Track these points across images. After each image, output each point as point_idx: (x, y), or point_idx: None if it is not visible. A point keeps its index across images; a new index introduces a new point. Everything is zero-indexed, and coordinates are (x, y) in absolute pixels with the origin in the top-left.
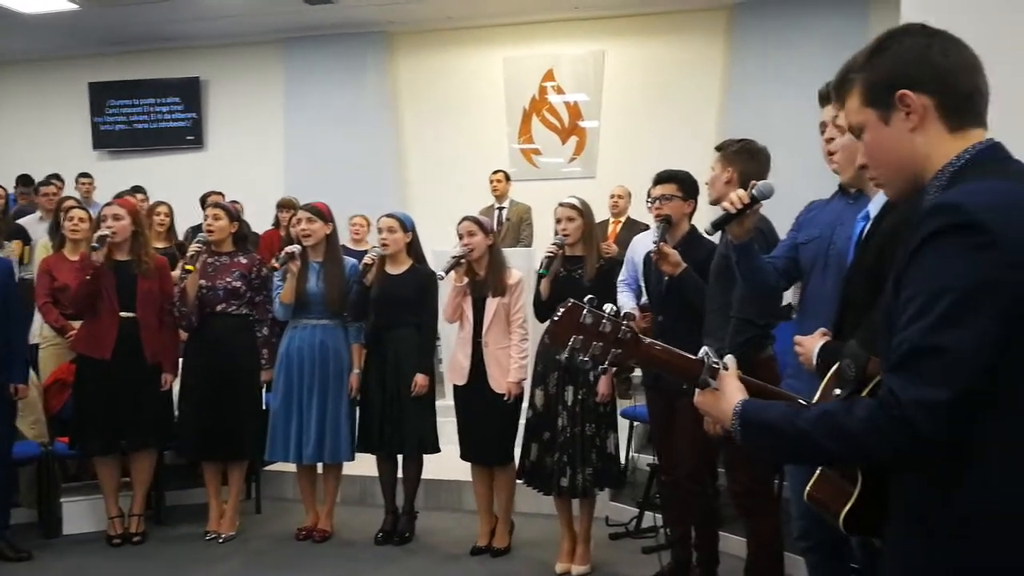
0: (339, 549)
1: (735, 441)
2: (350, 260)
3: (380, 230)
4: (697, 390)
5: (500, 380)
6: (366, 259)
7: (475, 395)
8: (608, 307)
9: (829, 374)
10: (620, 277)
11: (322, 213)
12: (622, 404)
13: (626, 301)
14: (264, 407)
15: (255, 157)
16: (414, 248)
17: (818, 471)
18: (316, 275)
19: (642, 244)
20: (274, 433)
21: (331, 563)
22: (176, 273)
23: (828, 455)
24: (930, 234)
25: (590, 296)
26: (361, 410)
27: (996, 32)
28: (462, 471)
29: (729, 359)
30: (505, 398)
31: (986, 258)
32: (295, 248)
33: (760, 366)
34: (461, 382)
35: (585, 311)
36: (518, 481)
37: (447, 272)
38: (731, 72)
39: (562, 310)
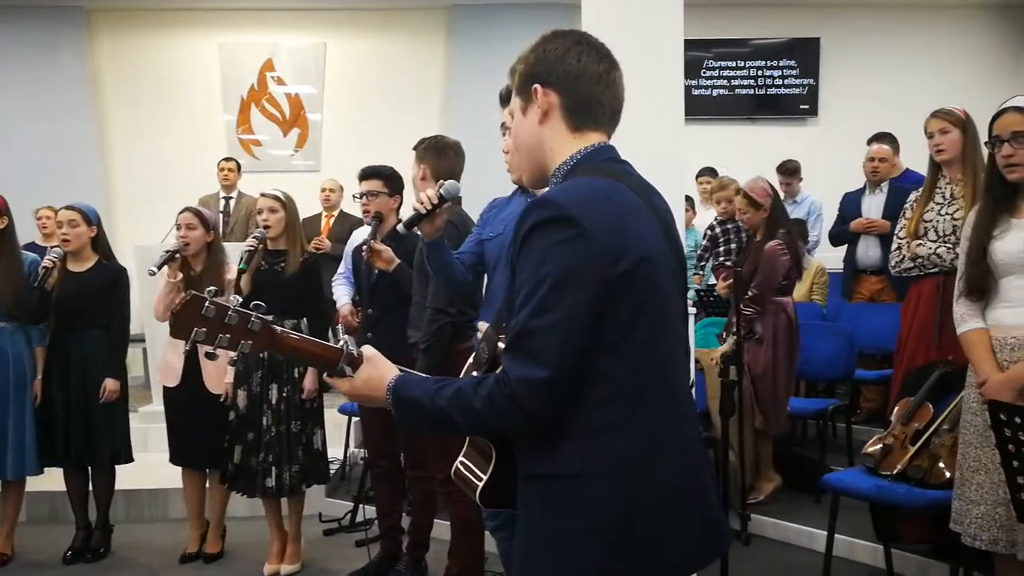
0: (21, 573)
1: (400, 426)
2: (30, 255)
3: (60, 224)
4: (337, 380)
5: (217, 381)
6: (45, 261)
7: (188, 396)
8: (234, 299)
9: (471, 358)
10: (340, 271)
11: None
12: (342, 400)
13: (341, 295)
14: None
15: None
16: (100, 243)
17: (462, 453)
18: None
19: (360, 238)
20: None
21: None
22: None
23: (461, 430)
24: (532, 226)
25: (212, 288)
26: (43, 420)
27: (638, 49)
28: (167, 479)
29: (366, 348)
30: (221, 399)
31: (576, 248)
32: None
33: (459, 355)
34: (173, 383)
35: (207, 303)
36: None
37: (159, 267)
38: (452, 71)
39: (181, 302)
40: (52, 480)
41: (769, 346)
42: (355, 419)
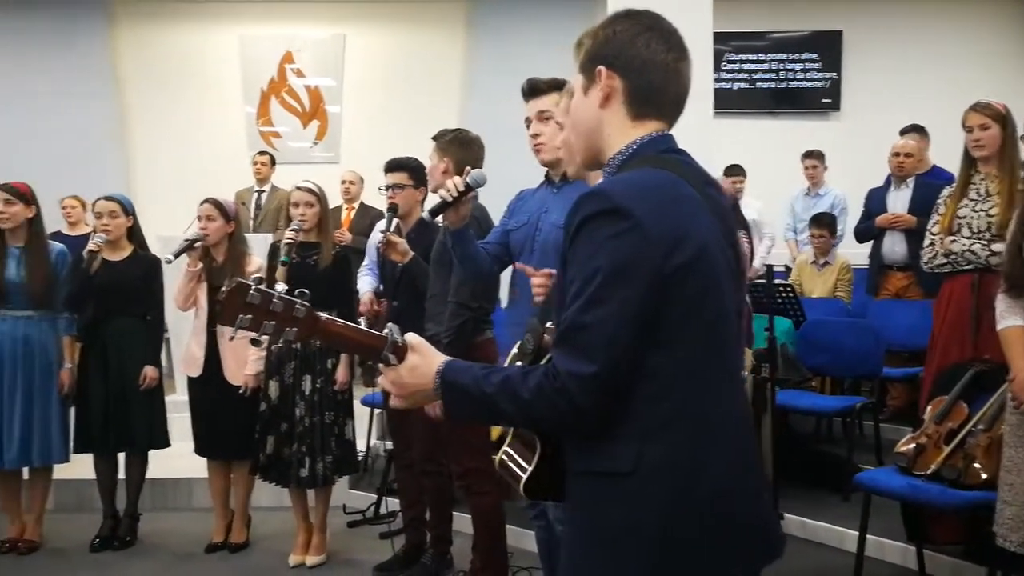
0: (50, 559)
1: (444, 414)
2: (57, 246)
3: (99, 215)
4: (383, 368)
5: (236, 372)
6: (91, 246)
7: (210, 387)
8: (280, 286)
9: (515, 348)
10: (364, 262)
11: (22, 194)
12: (364, 391)
13: (364, 286)
14: None
15: None
16: (135, 233)
17: (505, 442)
18: (16, 262)
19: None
20: None
21: (40, 575)
22: None
23: (508, 418)
24: (583, 219)
25: (257, 276)
26: (80, 408)
27: None
28: (191, 468)
29: (410, 335)
30: (241, 390)
31: (629, 240)
32: None
33: (478, 348)
34: (195, 373)
35: (252, 290)
36: (253, 476)
37: (176, 256)
38: (471, 63)
39: (226, 290)
40: (78, 468)
41: None
42: (377, 411)
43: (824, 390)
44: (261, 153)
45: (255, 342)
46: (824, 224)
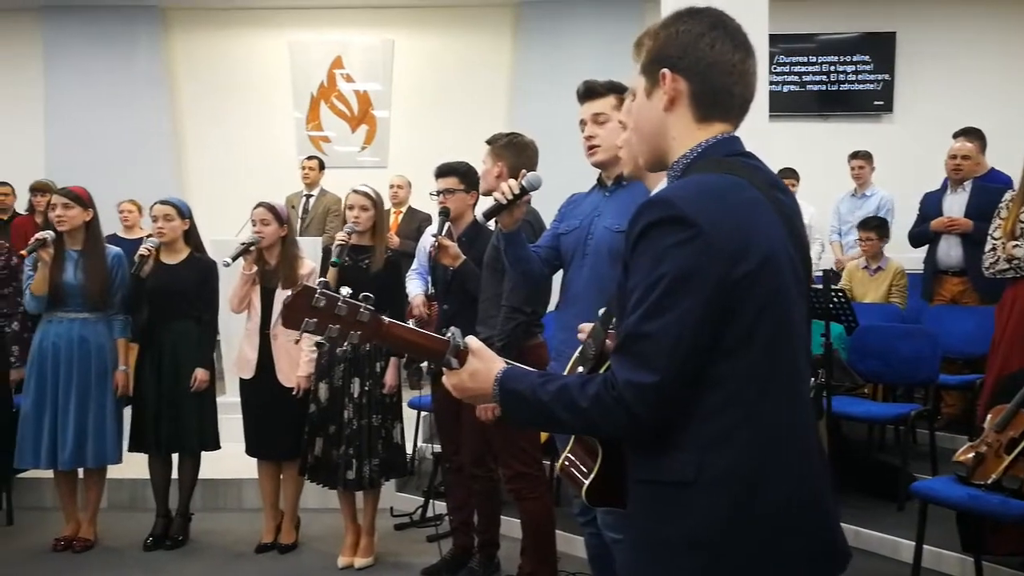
0: (103, 558)
1: (502, 419)
2: (114, 249)
3: (155, 218)
4: (446, 371)
5: (289, 374)
6: (141, 250)
7: (262, 389)
8: (344, 290)
9: (576, 353)
10: (412, 266)
11: (80, 198)
12: (410, 394)
13: (413, 289)
14: (15, 409)
15: (9, 136)
16: (192, 236)
17: (568, 447)
18: (74, 265)
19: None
20: (23, 437)
21: (94, 573)
22: None
23: (565, 426)
24: (646, 226)
25: (322, 280)
26: (135, 409)
27: None
28: (242, 469)
29: (470, 339)
30: (294, 392)
31: (692, 249)
32: (47, 234)
33: (529, 352)
34: (248, 375)
35: (317, 294)
36: (302, 477)
37: (233, 259)
38: (518, 68)
39: (293, 293)
40: (131, 468)
41: None
42: (424, 414)
43: (876, 397)
44: (310, 158)
45: (319, 345)
46: (871, 227)
